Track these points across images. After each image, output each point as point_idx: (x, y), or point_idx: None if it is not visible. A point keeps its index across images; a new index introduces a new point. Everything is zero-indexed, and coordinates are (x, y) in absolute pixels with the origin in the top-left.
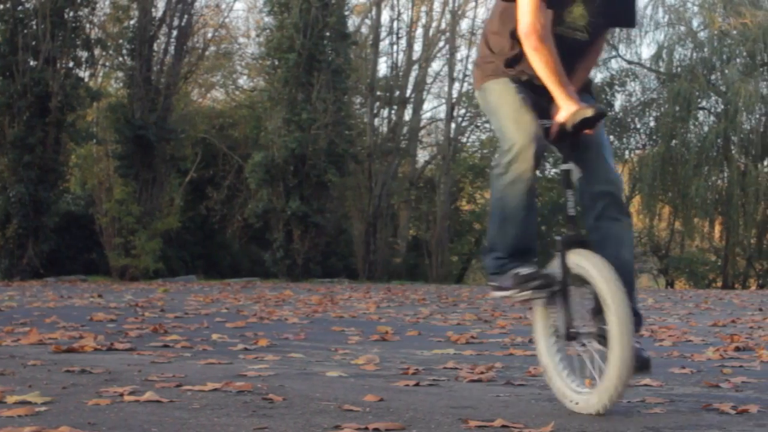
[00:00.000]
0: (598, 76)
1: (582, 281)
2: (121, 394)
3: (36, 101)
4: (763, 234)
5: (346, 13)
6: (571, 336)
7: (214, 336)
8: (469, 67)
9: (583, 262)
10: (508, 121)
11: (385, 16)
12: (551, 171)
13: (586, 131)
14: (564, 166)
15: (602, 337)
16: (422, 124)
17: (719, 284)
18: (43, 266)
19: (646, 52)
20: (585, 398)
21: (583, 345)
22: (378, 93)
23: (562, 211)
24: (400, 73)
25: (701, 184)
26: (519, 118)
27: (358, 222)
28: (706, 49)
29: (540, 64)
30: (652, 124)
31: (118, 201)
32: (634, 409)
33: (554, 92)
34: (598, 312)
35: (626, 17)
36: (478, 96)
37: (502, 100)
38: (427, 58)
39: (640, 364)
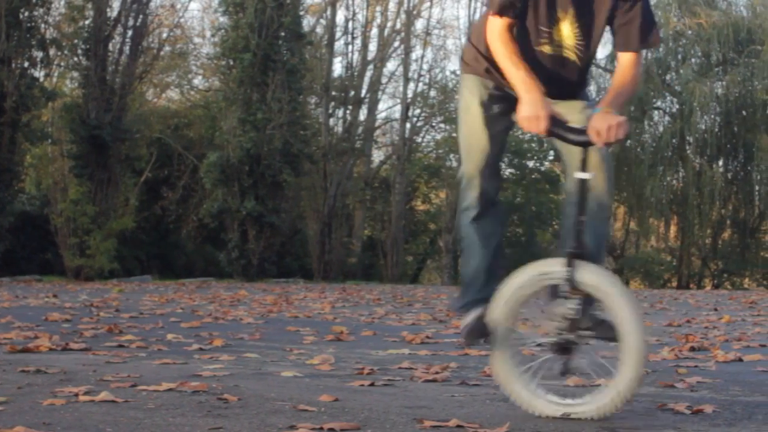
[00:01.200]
0: None
1: (586, 295)
2: (76, 394)
3: None
4: (718, 234)
5: (301, 13)
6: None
7: (169, 336)
8: (424, 67)
9: (593, 278)
10: (464, 143)
11: (340, 16)
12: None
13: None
14: (578, 175)
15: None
16: (377, 124)
17: (674, 284)
18: None
19: (601, 52)
20: (579, 408)
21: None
22: (333, 93)
23: (548, 210)
24: (355, 73)
25: (656, 184)
26: (473, 142)
27: (313, 222)
28: (661, 49)
29: (498, 59)
30: None
31: (73, 201)
32: None
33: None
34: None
35: (627, 39)
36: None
37: (466, 112)
38: (382, 58)
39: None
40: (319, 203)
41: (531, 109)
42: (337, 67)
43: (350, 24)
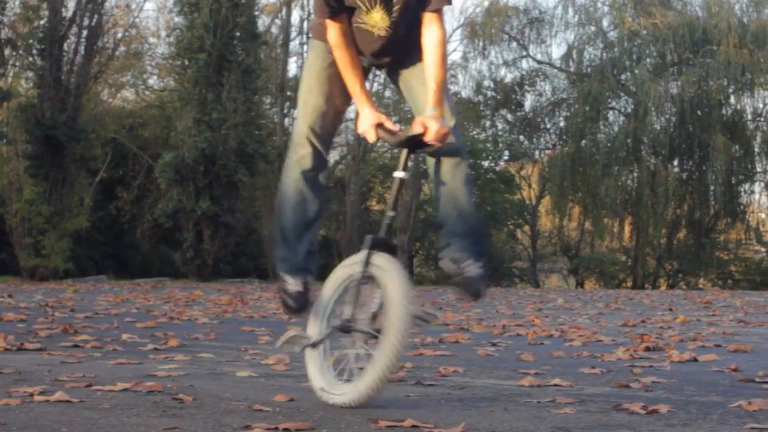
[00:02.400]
0: (508, 76)
1: (375, 283)
2: (31, 394)
3: None
4: (673, 234)
5: (256, 13)
6: (346, 328)
7: (124, 336)
8: None
9: (382, 265)
10: (301, 100)
11: (296, 16)
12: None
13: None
14: (396, 174)
15: (373, 339)
16: None
17: (629, 284)
18: None
19: (557, 52)
20: (347, 387)
21: (353, 341)
22: (288, 93)
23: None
24: None
25: (611, 184)
26: (310, 100)
27: (268, 222)
28: (616, 49)
29: (339, 65)
30: (562, 124)
31: (28, 201)
32: (544, 408)
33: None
34: (377, 316)
35: None
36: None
37: (307, 71)
38: None
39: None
40: (274, 203)
41: (363, 123)
42: (292, 67)
43: (305, 24)
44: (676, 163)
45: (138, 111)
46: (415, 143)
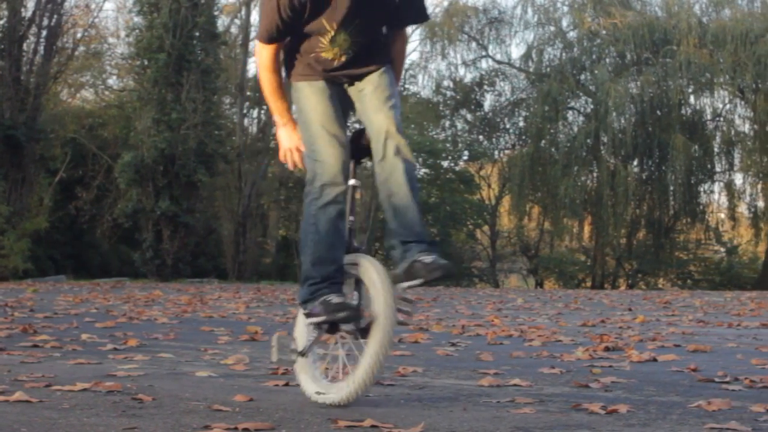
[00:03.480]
0: (467, 76)
1: (349, 283)
2: None
3: None
4: (632, 234)
5: (216, 13)
6: (332, 327)
7: (84, 336)
8: None
9: (367, 264)
10: (318, 139)
11: (255, 16)
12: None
13: None
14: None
15: (362, 333)
16: None
17: (589, 284)
18: None
19: (516, 52)
20: (331, 389)
21: (343, 338)
22: (248, 93)
23: (462, 210)
24: None
25: (570, 184)
26: (329, 139)
27: (228, 222)
28: (575, 50)
29: (264, 86)
30: (521, 124)
31: None
32: (504, 408)
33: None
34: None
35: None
36: (292, 91)
37: (311, 109)
38: None
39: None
40: (233, 203)
41: (287, 142)
42: (252, 67)
43: None
44: (635, 163)
45: (97, 111)
46: (359, 153)
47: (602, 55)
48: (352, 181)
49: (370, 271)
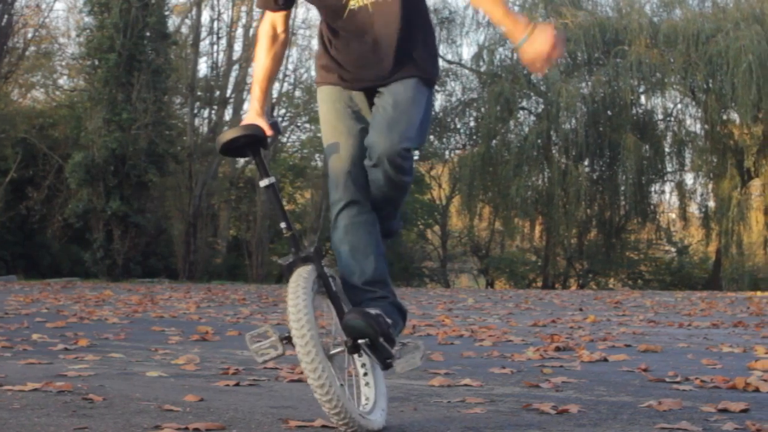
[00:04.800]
0: None
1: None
2: None
3: None
4: (583, 234)
5: (167, 13)
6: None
7: (35, 336)
8: (290, 66)
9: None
10: (329, 159)
11: (206, 16)
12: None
13: None
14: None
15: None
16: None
17: (539, 284)
18: None
19: (467, 52)
20: None
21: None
22: (198, 93)
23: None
24: (221, 73)
25: (522, 185)
26: (335, 158)
27: (179, 222)
28: None
29: (255, 52)
30: (472, 124)
31: None
32: (454, 408)
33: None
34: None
35: None
36: None
37: (324, 125)
38: (247, 58)
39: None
40: (184, 203)
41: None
42: (203, 67)
43: (215, 24)
44: (586, 163)
45: (48, 111)
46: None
47: None
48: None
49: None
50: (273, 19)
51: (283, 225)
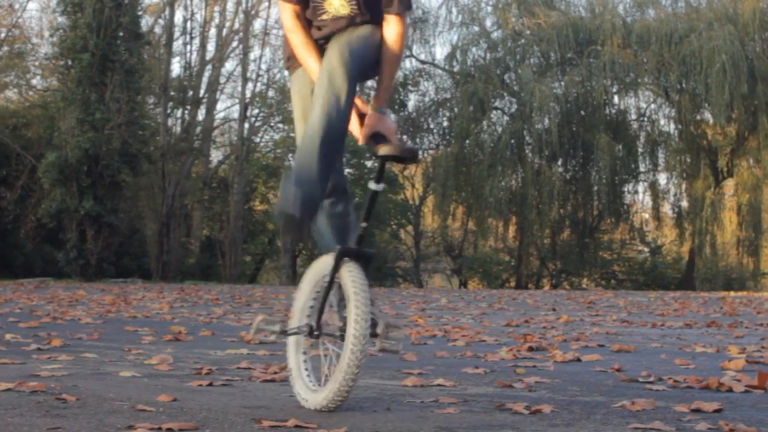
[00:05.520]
0: None
1: (340, 291)
2: None
3: None
4: (557, 234)
5: (140, 13)
6: (313, 333)
7: (8, 336)
8: (263, 66)
9: (346, 273)
10: (297, 127)
11: (179, 16)
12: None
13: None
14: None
15: (340, 339)
16: (216, 124)
17: (513, 284)
18: None
19: (440, 52)
20: (314, 395)
21: (324, 345)
22: (171, 93)
23: (386, 210)
24: (194, 73)
25: (495, 185)
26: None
27: (152, 222)
28: (500, 50)
29: (293, 47)
30: (445, 124)
31: None
32: (428, 408)
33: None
34: (343, 318)
35: None
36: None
37: (296, 98)
38: (220, 58)
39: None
40: (157, 203)
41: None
42: (176, 67)
43: (188, 24)
44: (560, 163)
45: (21, 111)
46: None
47: (527, 55)
48: (375, 186)
49: (350, 287)
50: (295, 9)
51: (363, 224)
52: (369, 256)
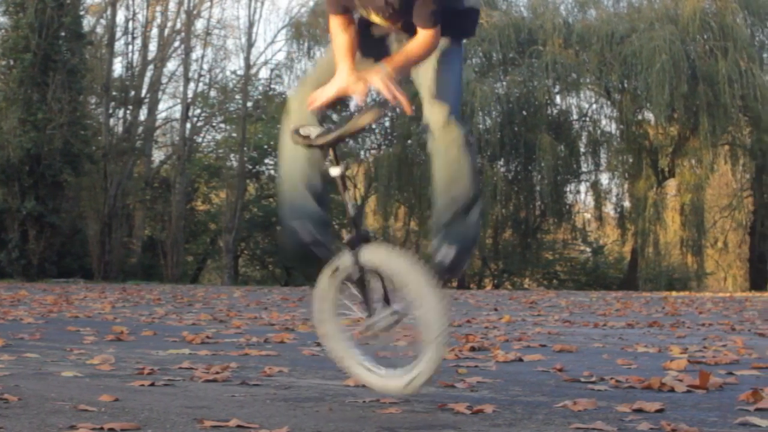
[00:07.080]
0: None
1: (376, 274)
2: None
3: None
4: (498, 234)
5: (82, 13)
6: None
7: None
8: (205, 66)
9: (374, 256)
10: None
11: (121, 16)
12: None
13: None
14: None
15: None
16: (157, 124)
17: (454, 284)
18: None
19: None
20: (388, 380)
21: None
22: (113, 93)
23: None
24: (136, 73)
25: None
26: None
27: (94, 222)
28: None
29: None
30: (387, 124)
31: None
32: (370, 408)
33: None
34: (386, 298)
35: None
36: None
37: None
38: (162, 58)
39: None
40: (99, 203)
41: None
42: (118, 67)
43: (130, 24)
44: (502, 162)
45: None
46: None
47: (468, 55)
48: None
49: (394, 263)
50: (337, 18)
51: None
52: (368, 235)
